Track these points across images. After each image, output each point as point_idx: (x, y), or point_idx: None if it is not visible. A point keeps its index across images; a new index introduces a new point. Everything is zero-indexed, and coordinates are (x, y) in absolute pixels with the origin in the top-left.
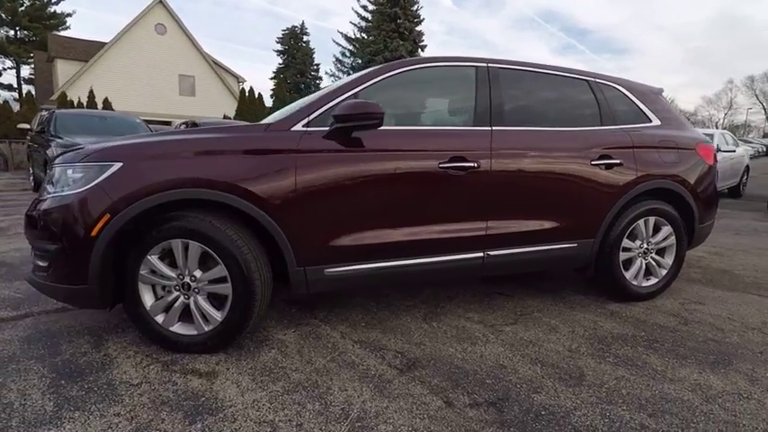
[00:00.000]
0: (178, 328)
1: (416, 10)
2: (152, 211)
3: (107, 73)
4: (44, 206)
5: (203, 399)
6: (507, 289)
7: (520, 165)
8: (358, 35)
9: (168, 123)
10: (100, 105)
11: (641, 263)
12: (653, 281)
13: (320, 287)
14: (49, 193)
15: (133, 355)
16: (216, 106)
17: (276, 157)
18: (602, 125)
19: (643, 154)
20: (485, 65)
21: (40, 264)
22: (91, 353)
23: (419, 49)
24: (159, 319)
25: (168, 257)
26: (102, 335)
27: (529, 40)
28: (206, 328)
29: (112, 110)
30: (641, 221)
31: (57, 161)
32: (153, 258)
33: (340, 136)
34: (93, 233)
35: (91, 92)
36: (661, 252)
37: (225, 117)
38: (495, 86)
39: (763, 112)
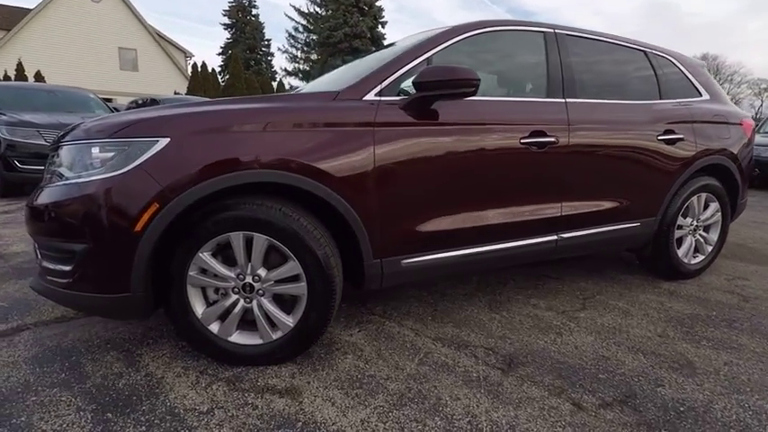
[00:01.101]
0: (237, 337)
1: None
2: (206, 200)
3: (36, 43)
4: (59, 195)
5: (300, 424)
6: (552, 271)
7: (594, 140)
8: (312, 9)
9: (109, 101)
10: (31, 79)
11: (691, 240)
12: (700, 258)
13: (394, 281)
14: (64, 180)
15: (183, 373)
16: (163, 83)
17: (353, 131)
18: (660, 98)
19: (701, 129)
20: (552, 30)
21: (59, 268)
22: (128, 373)
23: (380, 26)
24: (213, 328)
25: (221, 254)
26: (131, 348)
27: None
28: (273, 336)
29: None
30: (695, 198)
31: (67, 138)
32: (205, 256)
33: (421, 107)
34: (138, 228)
35: (20, 64)
36: (707, 229)
37: (176, 94)
38: (563, 54)
39: None
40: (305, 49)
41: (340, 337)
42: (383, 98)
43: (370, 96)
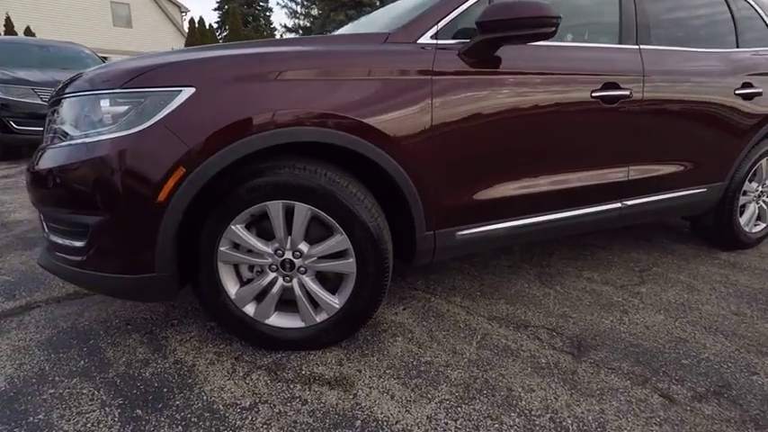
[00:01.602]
0: (276, 320)
1: None
2: (239, 164)
3: None
4: (65, 158)
5: (359, 422)
6: (597, 240)
7: (669, 94)
8: None
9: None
10: (21, 35)
11: (754, 208)
12: (761, 226)
13: (446, 255)
14: (69, 139)
15: (217, 360)
16: (158, 40)
17: (409, 82)
18: (737, 47)
19: None
20: None
21: (70, 244)
22: (155, 360)
23: None
24: (249, 309)
25: (256, 227)
26: (154, 330)
27: None
28: (317, 319)
29: None
30: (763, 161)
31: (68, 90)
32: (238, 228)
33: (484, 52)
34: (162, 197)
35: (8, 19)
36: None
37: None
38: None
39: None
40: (305, 3)
41: (385, 317)
42: (440, 41)
43: (425, 39)
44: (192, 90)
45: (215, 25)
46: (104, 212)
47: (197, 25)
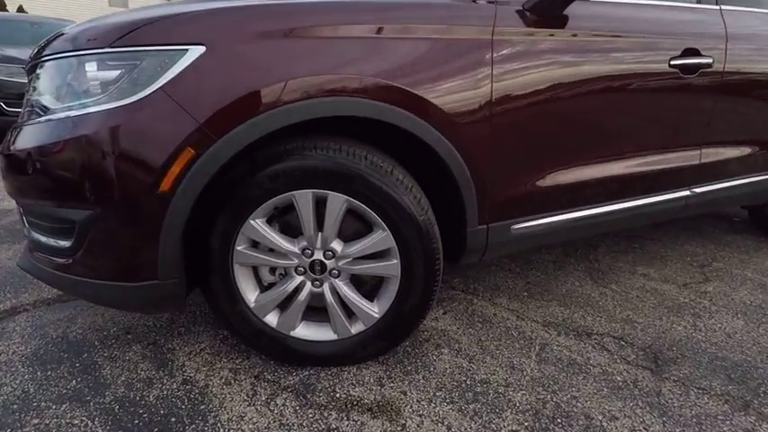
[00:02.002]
0: (303, 331)
1: None
2: (260, 144)
3: None
4: (44, 137)
5: None
6: (644, 231)
7: (754, 64)
8: None
9: None
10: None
11: None
12: None
13: (498, 252)
14: (49, 114)
15: (233, 379)
16: None
17: (466, 46)
18: None
19: None
20: None
21: (54, 243)
22: (160, 379)
23: None
24: (271, 320)
25: (278, 222)
26: (158, 340)
27: None
28: (352, 330)
29: None
30: None
31: (46, 51)
32: (258, 224)
33: (551, 8)
34: (165, 186)
35: None
36: None
37: None
38: None
39: None
40: None
41: (424, 323)
42: None
43: None
44: (202, 49)
45: None
46: (93, 206)
47: None
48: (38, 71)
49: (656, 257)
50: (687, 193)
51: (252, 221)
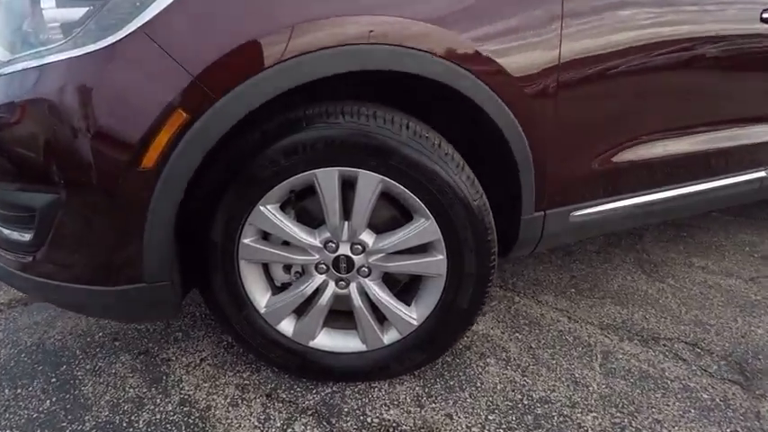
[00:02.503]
0: (324, 340)
1: None
2: (274, 107)
3: None
4: None
5: None
6: (690, 219)
7: None
8: None
9: None
10: None
11: None
12: None
13: (552, 243)
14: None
15: (241, 399)
16: None
17: None
18: None
19: None
20: None
21: (19, 237)
22: (152, 399)
23: None
24: (285, 327)
25: (293, 208)
26: (151, 349)
27: None
28: (385, 339)
29: None
30: None
31: None
32: (270, 211)
33: None
34: (149, 162)
35: None
36: None
37: None
38: None
39: None
40: None
41: None
42: None
43: None
44: None
45: None
46: (54, 188)
47: None
48: None
49: (710, 248)
50: (763, 174)
51: (262, 208)
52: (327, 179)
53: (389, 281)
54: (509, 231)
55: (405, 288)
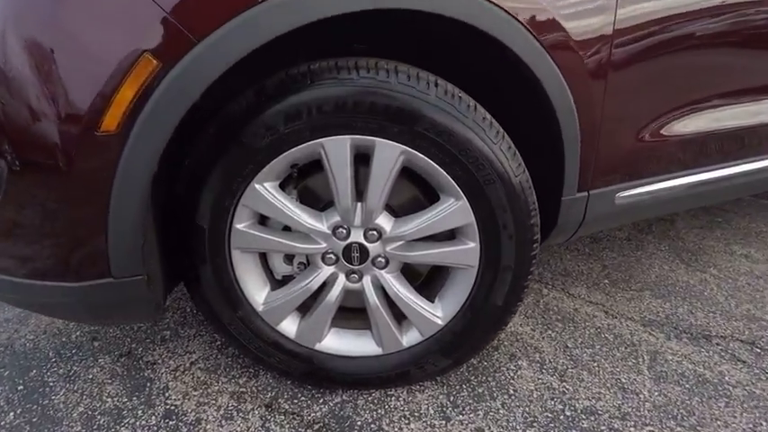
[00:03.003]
0: (333, 342)
1: None
2: (272, 58)
3: None
4: None
5: None
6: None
7: None
8: None
9: None
10: None
11: None
12: None
13: (592, 229)
14: None
15: (236, 410)
16: None
17: None
18: None
19: None
20: None
21: None
22: (134, 410)
23: None
24: (287, 328)
25: (295, 186)
26: (134, 350)
27: None
28: (404, 341)
29: None
30: None
31: None
32: (268, 189)
33: None
34: (111, 124)
35: None
36: None
37: None
38: None
39: None
40: None
41: None
42: None
43: None
44: None
45: None
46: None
47: None
48: None
49: (749, 234)
50: None
51: (258, 186)
52: (337, 150)
53: (408, 273)
54: (546, 215)
55: (426, 282)
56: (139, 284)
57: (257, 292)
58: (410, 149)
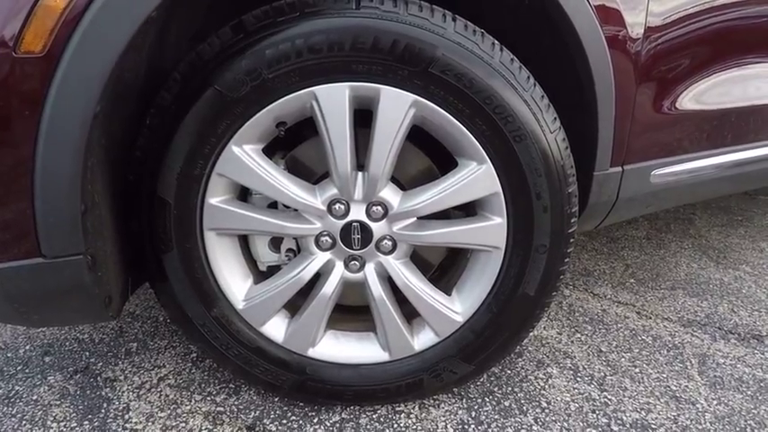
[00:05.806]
0: (329, 347)
1: None
2: None
3: None
4: None
5: None
6: (730, 200)
7: None
8: None
9: None
10: None
11: None
12: None
13: (624, 214)
14: None
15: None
16: None
17: None
18: None
19: None
20: None
21: None
22: None
23: None
24: (273, 330)
25: (283, 153)
26: (93, 365)
27: None
28: (415, 345)
29: None
30: None
31: None
32: (247, 154)
33: None
34: (35, 44)
35: None
36: None
37: None
38: None
39: None
40: None
41: None
42: None
43: None
44: None
45: None
46: None
47: None
48: None
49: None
50: None
51: (236, 149)
52: (333, 101)
53: (417, 265)
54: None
55: (438, 275)
56: (78, 267)
57: (237, 285)
58: (422, 99)
